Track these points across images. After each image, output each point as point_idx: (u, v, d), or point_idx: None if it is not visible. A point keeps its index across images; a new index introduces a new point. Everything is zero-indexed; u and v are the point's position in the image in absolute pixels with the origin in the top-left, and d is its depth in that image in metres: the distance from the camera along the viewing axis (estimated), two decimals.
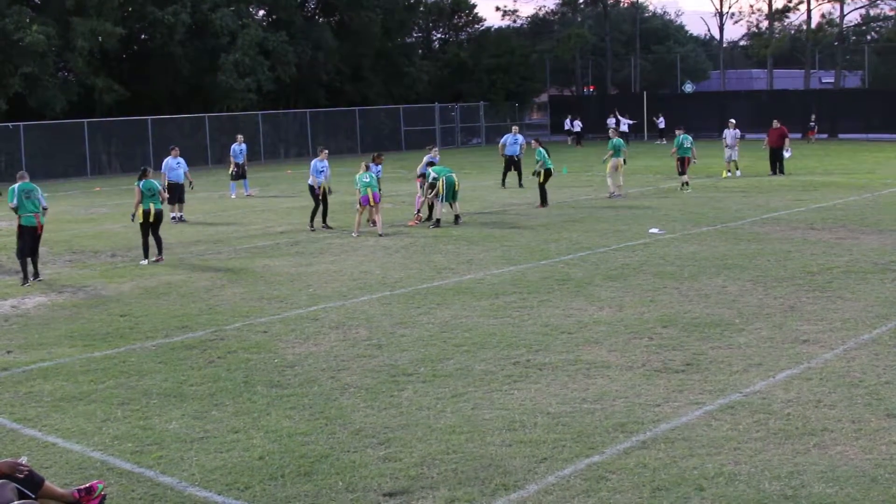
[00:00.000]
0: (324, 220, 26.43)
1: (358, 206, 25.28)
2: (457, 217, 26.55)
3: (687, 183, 34.15)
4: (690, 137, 35.20)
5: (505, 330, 14.09)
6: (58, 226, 27.49)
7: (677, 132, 35.53)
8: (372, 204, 25.03)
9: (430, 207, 26.97)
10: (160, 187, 22.42)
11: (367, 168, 25.56)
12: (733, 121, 40.23)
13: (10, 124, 51.62)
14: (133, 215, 21.87)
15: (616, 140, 33.14)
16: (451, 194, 26.39)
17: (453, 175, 26.64)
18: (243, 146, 37.05)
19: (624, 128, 63.85)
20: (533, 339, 13.50)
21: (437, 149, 29.39)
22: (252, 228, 27.31)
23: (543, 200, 29.88)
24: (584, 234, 23.82)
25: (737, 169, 38.92)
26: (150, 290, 18.46)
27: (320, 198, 26.31)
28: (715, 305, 15.29)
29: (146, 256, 21.91)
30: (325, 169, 26.48)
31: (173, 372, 12.46)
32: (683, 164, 34.26)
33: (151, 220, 21.69)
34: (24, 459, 8.00)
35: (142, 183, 21.65)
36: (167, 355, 13.37)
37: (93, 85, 56.50)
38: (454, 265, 20.01)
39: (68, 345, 14.30)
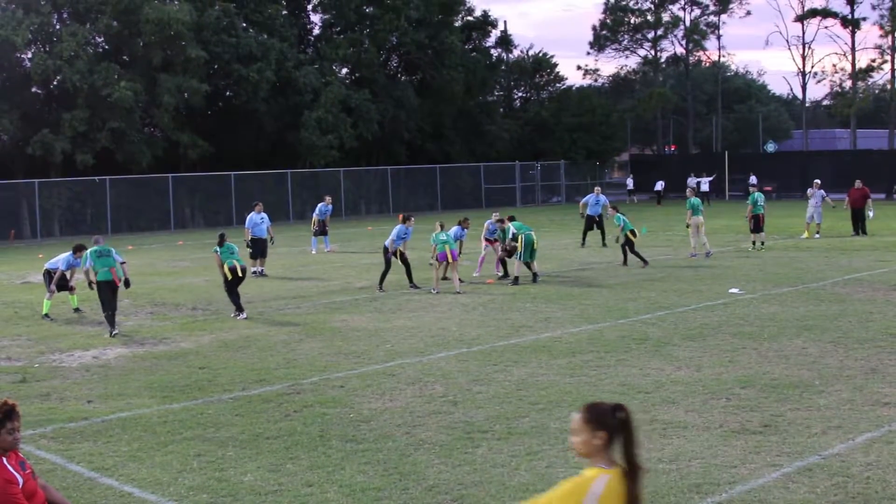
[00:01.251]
0: (410, 281, 26.00)
1: (435, 262, 25.41)
2: (535, 275, 26.51)
3: (763, 242, 33.81)
4: (763, 195, 34.87)
5: (581, 389, 14.02)
6: (140, 279, 27.86)
7: (751, 189, 35.15)
8: (450, 261, 25.13)
9: (503, 264, 27.15)
10: (237, 248, 22.72)
11: (442, 227, 25.70)
12: (818, 181, 39.56)
13: (96, 178, 52.64)
14: (225, 276, 21.92)
15: (693, 199, 32.85)
16: (530, 253, 26.39)
17: (532, 233, 26.64)
18: (329, 207, 37.81)
19: (705, 187, 63.39)
20: (609, 397, 13.36)
21: (497, 214, 29.39)
22: (331, 284, 27.49)
23: (642, 261, 29.29)
24: (663, 293, 23.66)
25: (816, 232, 38.13)
26: (228, 344, 18.64)
27: (399, 261, 26.09)
28: (794, 366, 15.09)
29: (241, 309, 21.89)
30: (407, 235, 26.34)
31: (250, 425, 12.55)
32: (758, 221, 33.84)
33: (240, 275, 21.87)
34: None
35: (219, 248, 21.97)
36: (244, 408, 13.48)
37: (178, 140, 57.54)
38: (531, 323, 19.97)
39: (147, 396, 14.47)
